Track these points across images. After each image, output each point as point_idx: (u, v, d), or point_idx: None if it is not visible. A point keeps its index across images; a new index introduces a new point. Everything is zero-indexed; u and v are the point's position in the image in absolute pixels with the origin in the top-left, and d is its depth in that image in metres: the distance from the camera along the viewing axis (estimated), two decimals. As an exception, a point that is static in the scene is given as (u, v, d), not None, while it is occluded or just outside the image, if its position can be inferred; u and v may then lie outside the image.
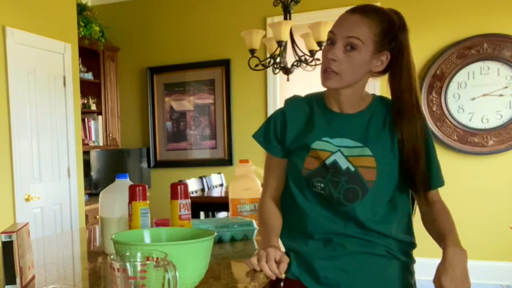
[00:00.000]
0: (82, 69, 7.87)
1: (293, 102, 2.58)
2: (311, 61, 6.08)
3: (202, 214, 6.47)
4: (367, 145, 2.38)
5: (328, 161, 2.38)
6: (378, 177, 2.36)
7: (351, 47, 2.28)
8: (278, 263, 2.23)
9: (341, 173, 2.36)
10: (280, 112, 2.57)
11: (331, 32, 2.35)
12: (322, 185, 2.39)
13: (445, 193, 7.00)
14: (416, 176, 2.51)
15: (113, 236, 1.84)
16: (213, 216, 6.58)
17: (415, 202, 2.79)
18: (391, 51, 2.35)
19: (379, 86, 7.36)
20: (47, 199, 6.27)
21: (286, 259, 2.28)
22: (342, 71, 2.31)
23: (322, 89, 2.48)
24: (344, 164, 2.38)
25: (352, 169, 2.36)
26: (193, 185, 6.98)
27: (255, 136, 2.62)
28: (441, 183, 2.70)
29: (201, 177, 7.45)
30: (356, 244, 2.38)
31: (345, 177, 2.36)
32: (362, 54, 2.28)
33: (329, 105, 2.49)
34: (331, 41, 2.34)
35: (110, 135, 8.55)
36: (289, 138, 2.50)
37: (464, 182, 7.03)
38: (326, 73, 2.35)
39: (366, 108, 2.47)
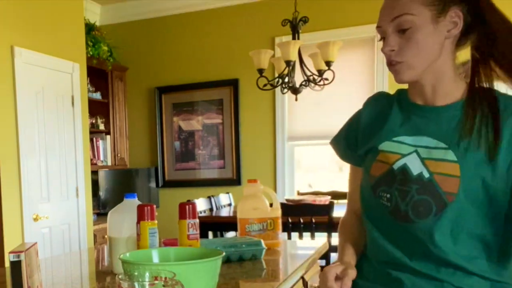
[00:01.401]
0: (91, 89, 7.89)
1: (373, 99, 2.21)
2: (320, 81, 6.08)
3: (210, 233, 6.45)
4: (451, 146, 1.86)
5: (396, 165, 1.95)
6: (461, 190, 1.81)
7: (402, 29, 1.89)
8: (341, 278, 1.91)
9: (411, 181, 1.90)
10: (356, 113, 2.23)
11: (377, 27, 2.08)
12: (388, 195, 1.96)
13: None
14: None
15: (122, 255, 1.84)
16: (222, 235, 6.57)
17: None
18: (463, 2, 1.86)
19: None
20: (55, 218, 6.27)
21: (350, 274, 1.92)
22: (407, 57, 1.89)
23: (331, 110, 2.21)
24: (416, 169, 1.90)
25: (426, 175, 1.88)
26: (201, 204, 6.97)
27: (331, 142, 2.34)
28: None
29: (209, 197, 7.44)
30: (422, 284, 1.90)
31: (416, 185, 1.89)
32: (420, 27, 1.84)
33: (412, 97, 2.04)
34: (382, 35, 2.03)
35: (119, 155, 8.56)
36: (360, 141, 2.15)
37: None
38: (392, 67, 1.95)
39: (461, 99, 1.92)
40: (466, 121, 1.86)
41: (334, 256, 4.20)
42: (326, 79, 5.98)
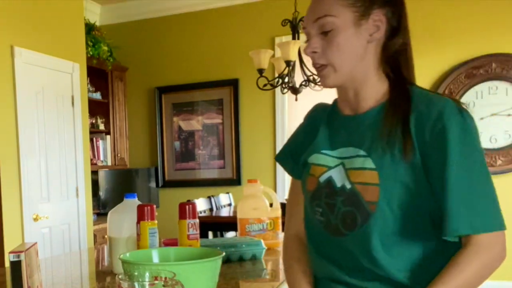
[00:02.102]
0: (91, 89, 7.89)
1: (310, 111, 2.17)
2: (319, 81, 6.08)
3: (210, 233, 6.46)
4: (370, 154, 1.79)
5: (322, 178, 1.90)
6: (381, 199, 1.74)
7: (325, 31, 1.80)
8: None
9: (336, 192, 1.85)
10: (298, 127, 2.18)
11: (303, 28, 1.94)
12: (321, 209, 1.91)
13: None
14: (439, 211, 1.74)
15: (122, 255, 1.84)
16: (222, 235, 6.57)
17: None
18: (387, 5, 1.81)
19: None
20: (55, 218, 6.27)
21: None
22: (331, 60, 1.80)
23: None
24: (340, 180, 1.84)
25: (348, 186, 1.82)
26: (201, 204, 6.97)
27: (276, 158, 2.30)
28: (465, 228, 1.70)
29: (209, 197, 7.44)
30: None
31: (341, 197, 1.83)
32: (342, 29, 1.77)
33: (340, 106, 2.00)
34: (307, 37, 1.89)
35: (119, 155, 8.56)
36: (300, 154, 2.05)
37: (473, 202, 7.01)
38: (319, 71, 1.87)
39: (381, 103, 1.85)
40: (382, 125, 1.79)
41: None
42: (326, 79, 5.97)
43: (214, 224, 6.39)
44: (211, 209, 7.29)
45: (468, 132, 1.71)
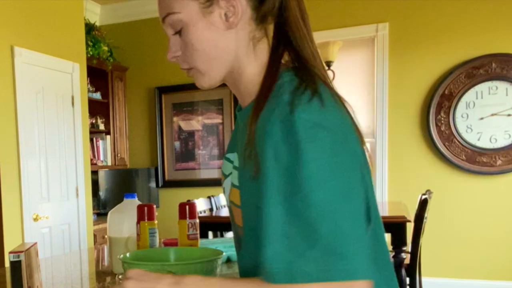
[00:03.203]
0: (91, 89, 7.88)
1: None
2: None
3: (210, 233, 6.45)
4: (238, 166, 1.52)
5: (223, 191, 1.69)
6: (244, 224, 1.51)
7: (176, 31, 1.51)
8: None
9: (229, 210, 1.64)
10: None
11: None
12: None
13: (453, 213, 7.00)
14: None
15: (122, 255, 1.84)
16: (222, 235, 6.57)
17: None
18: None
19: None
20: (55, 218, 6.27)
21: None
22: (193, 63, 1.52)
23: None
24: (227, 195, 1.63)
25: (228, 204, 1.62)
26: (201, 204, 6.96)
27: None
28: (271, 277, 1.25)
29: (209, 197, 7.43)
30: None
31: (231, 215, 1.64)
32: (190, 25, 1.46)
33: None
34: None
35: (119, 155, 8.56)
36: None
37: (472, 202, 7.01)
38: (189, 75, 1.59)
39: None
40: (247, 130, 1.44)
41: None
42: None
43: (214, 224, 6.38)
44: (211, 209, 7.28)
45: (285, 145, 1.25)
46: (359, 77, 7.51)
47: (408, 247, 5.05)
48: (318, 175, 1.21)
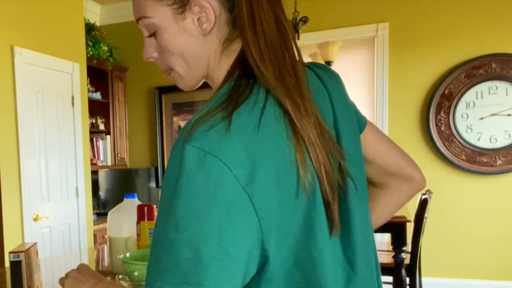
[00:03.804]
0: (91, 89, 7.88)
1: None
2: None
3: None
4: None
5: None
6: None
7: (150, 34, 1.48)
8: None
9: None
10: None
11: None
12: None
13: (453, 213, 6.99)
14: None
15: (122, 255, 1.84)
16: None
17: None
18: None
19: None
20: (55, 218, 6.27)
21: None
22: (170, 65, 1.52)
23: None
24: None
25: None
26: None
27: None
28: None
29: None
30: None
31: None
32: (163, 29, 1.44)
33: None
34: None
35: (119, 155, 8.56)
36: None
37: (472, 202, 7.01)
38: (170, 76, 1.59)
39: None
40: None
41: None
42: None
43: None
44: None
45: (168, 168, 1.25)
46: (359, 77, 7.51)
47: (408, 247, 5.05)
48: (191, 204, 1.18)
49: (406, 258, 4.98)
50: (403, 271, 4.89)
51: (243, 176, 1.18)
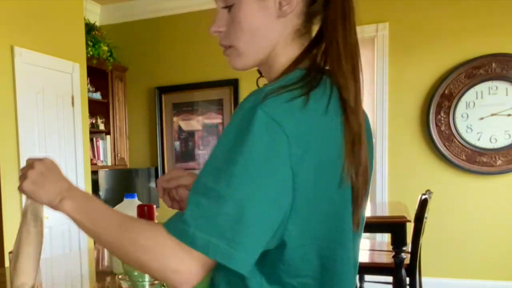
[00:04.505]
0: (91, 89, 7.88)
1: None
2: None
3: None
4: None
5: None
6: None
7: (228, 5, 1.48)
8: None
9: None
10: None
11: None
12: None
13: (453, 213, 6.98)
14: None
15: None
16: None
17: None
18: None
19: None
20: (55, 218, 6.25)
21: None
22: (234, 41, 1.51)
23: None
24: None
25: None
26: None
27: None
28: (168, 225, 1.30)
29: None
30: None
31: None
32: (243, 4, 1.44)
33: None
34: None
35: (119, 155, 8.56)
36: None
37: (472, 202, 7.01)
38: (225, 53, 1.61)
39: None
40: None
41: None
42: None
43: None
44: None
45: (233, 124, 1.29)
46: (359, 77, 7.51)
47: (408, 247, 5.05)
48: (250, 167, 1.23)
49: (406, 258, 4.97)
50: (403, 271, 4.89)
51: (296, 156, 1.25)
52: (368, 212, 3.14)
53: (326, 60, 1.43)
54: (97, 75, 8.03)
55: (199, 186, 1.27)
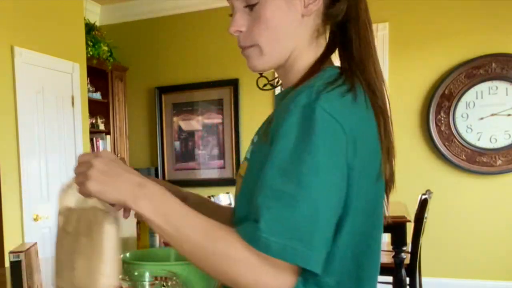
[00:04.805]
0: (91, 89, 7.88)
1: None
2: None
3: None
4: (255, 141, 1.57)
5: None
6: (240, 193, 1.52)
7: (250, 4, 1.45)
8: None
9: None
10: None
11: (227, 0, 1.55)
12: None
13: (453, 213, 6.97)
14: None
15: (122, 255, 1.84)
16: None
17: None
18: None
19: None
20: (55, 218, 6.25)
21: None
22: (257, 40, 1.46)
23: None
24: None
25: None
26: (201, 204, 6.97)
27: None
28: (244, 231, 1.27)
29: (209, 197, 7.43)
30: None
31: None
32: (268, 2, 1.41)
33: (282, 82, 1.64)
34: (232, 10, 1.55)
35: (119, 155, 8.55)
36: None
37: (472, 202, 7.01)
38: (243, 51, 1.53)
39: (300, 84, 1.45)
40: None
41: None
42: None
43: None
44: (211, 209, 7.29)
45: (291, 123, 1.27)
46: (359, 77, 7.52)
47: (408, 247, 5.05)
48: (315, 166, 1.22)
49: (406, 258, 4.98)
50: (403, 271, 4.90)
51: (350, 151, 1.27)
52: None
53: (351, 59, 1.44)
54: (97, 75, 8.03)
55: (267, 190, 1.24)
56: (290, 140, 1.25)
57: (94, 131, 8.00)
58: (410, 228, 4.95)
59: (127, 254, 1.88)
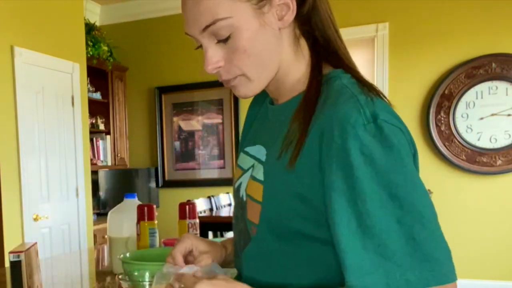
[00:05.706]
0: (91, 89, 7.88)
1: (254, 97, 1.71)
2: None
3: (210, 234, 6.45)
4: (267, 160, 1.43)
5: (236, 184, 1.61)
6: (261, 221, 1.40)
7: (221, 39, 1.35)
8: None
9: (239, 204, 1.56)
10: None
11: (186, 34, 1.54)
12: (234, 221, 1.64)
13: (453, 213, 6.99)
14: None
15: (122, 255, 1.84)
16: (222, 236, 6.56)
17: None
18: None
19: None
20: (55, 218, 6.26)
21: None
22: (242, 70, 1.37)
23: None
24: (243, 188, 1.51)
25: (244, 198, 1.50)
26: (201, 204, 6.96)
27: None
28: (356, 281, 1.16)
29: (209, 197, 7.43)
30: None
31: (241, 210, 1.53)
32: (242, 29, 1.31)
33: (270, 95, 1.57)
34: (198, 44, 1.49)
35: (119, 155, 8.55)
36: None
37: (472, 202, 7.01)
38: (229, 85, 1.43)
39: (298, 94, 1.43)
40: (291, 123, 1.36)
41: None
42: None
43: (214, 224, 6.38)
44: (211, 209, 7.28)
45: (374, 150, 1.18)
46: (359, 77, 7.50)
47: (408, 247, 5.04)
48: (412, 178, 1.21)
49: (406, 258, 4.97)
50: (403, 271, 4.88)
51: (412, 153, 1.28)
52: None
53: (339, 59, 1.49)
54: (97, 75, 8.03)
55: (365, 228, 1.16)
56: (373, 168, 1.17)
57: (94, 131, 8.00)
58: (410, 228, 4.94)
59: (127, 254, 1.88)
